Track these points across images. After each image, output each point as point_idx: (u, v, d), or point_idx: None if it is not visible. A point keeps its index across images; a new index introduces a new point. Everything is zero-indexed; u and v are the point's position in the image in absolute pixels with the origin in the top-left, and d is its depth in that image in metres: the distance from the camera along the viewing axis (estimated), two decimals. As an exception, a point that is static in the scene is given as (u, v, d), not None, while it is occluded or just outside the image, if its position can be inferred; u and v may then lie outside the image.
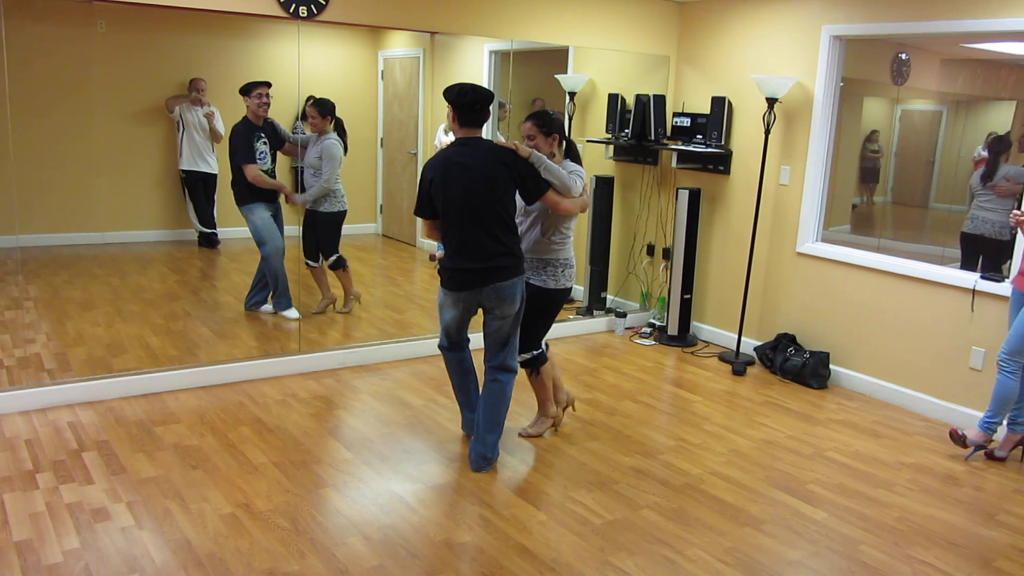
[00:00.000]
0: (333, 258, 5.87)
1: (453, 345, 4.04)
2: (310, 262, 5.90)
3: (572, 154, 4.13)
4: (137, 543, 3.14)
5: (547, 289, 4.05)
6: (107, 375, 4.60)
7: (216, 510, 3.41)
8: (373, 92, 6.88)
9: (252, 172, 5.51)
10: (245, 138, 5.49)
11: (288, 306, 5.76)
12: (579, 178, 3.98)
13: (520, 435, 4.34)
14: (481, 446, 3.92)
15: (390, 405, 4.66)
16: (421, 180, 3.78)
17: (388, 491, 3.67)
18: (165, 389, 4.68)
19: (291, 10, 4.69)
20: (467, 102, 3.70)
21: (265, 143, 5.57)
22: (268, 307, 5.85)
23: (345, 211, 5.89)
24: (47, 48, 5.46)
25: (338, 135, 5.79)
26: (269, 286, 5.80)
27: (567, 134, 4.19)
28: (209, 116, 5.89)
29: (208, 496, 3.52)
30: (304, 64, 5.18)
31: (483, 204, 3.68)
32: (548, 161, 3.86)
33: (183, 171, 6.17)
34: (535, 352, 4.14)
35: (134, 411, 4.39)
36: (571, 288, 4.18)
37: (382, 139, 7.01)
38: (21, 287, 5.52)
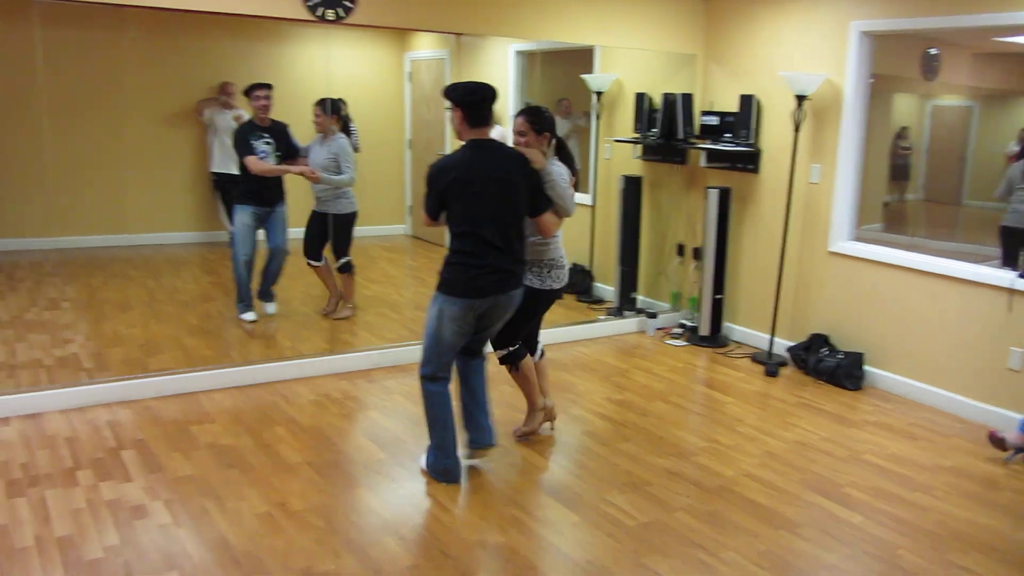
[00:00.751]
0: (344, 260, 5.84)
1: (446, 374, 3.74)
2: (312, 261, 5.86)
3: (564, 155, 4.00)
4: (175, 541, 3.18)
5: (531, 288, 3.95)
6: (143, 375, 4.66)
7: (252, 509, 3.44)
8: (400, 94, 6.92)
9: (253, 164, 5.45)
10: (241, 134, 5.50)
11: (246, 309, 5.74)
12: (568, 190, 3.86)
13: (516, 437, 4.29)
14: (488, 420, 3.90)
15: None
16: (434, 180, 3.57)
17: (421, 491, 3.68)
18: (200, 389, 4.73)
19: (319, 14, 4.72)
20: (477, 100, 3.54)
21: (268, 143, 5.52)
22: (271, 308, 5.87)
23: (357, 212, 5.88)
24: (80, 53, 5.55)
25: (345, 135, 5.76)
26: (271, 280, 5.85)
27: (595, 134, 4.14)
28: (238, 119, 5.94)
29: (244, 495, 3.56)
30: (332, 67, 5.22)
31: (507, 210, 3.59)
32: (556, 178, 3.75)
33: (214, 173, 6.24)
34: (511, 348, 4.06)
35: (170, 410, 4.45)
36: (557, 290, 4.09)
37: (410, 140, 7.05)
38: (59, 288, 5.61)
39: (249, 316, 5.68)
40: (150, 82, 5.89)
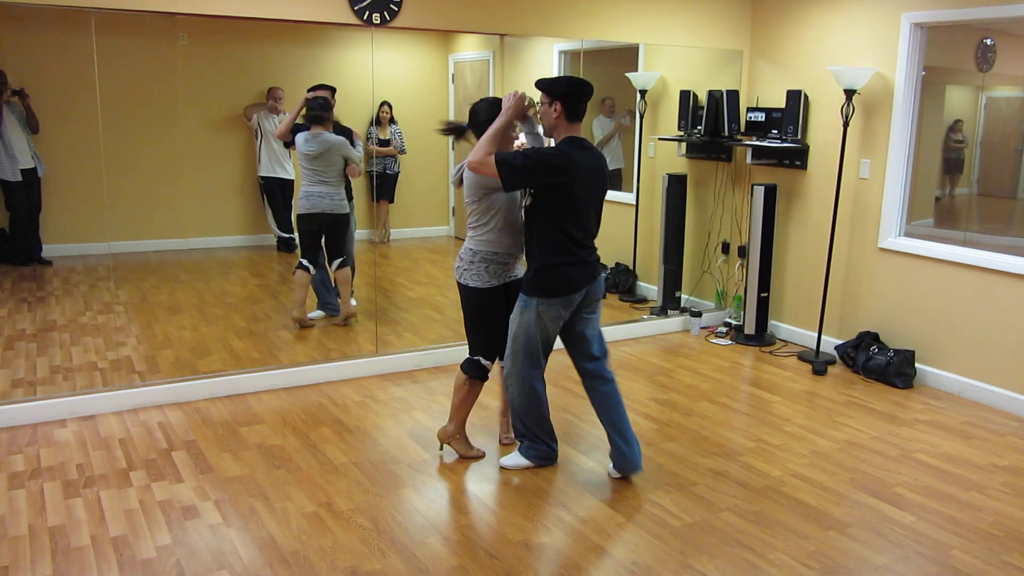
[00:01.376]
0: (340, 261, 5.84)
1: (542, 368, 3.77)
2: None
3: None
4: (225, 540, 3.23)
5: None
6: (193, 377, 4.75)
7: (299, 509, 3.49)
8: (444, 95, 6.94)
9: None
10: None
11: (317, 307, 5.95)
12: None
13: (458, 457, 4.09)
14: (632, 447, 3.78)
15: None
16: (547, 169, 3.41)
17: (466, 491, 3.70)
18: (248, 390, 4.81)
19: (365, 17, 4.77)
20: (579, 93, 3.50)
21: None
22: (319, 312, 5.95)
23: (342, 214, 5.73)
24: (133, 61, 5.66)
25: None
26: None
27: (639, 133, 4.09)
28: (285, 123, 6.01)
29: (291, 495, 3.61)
30: (377, 69, 5.26)
31: (597, 211, 3.65)
32: None
33: (262, 177, 6.33)
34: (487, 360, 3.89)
35: (219, 412, 4.53)
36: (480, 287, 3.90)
37: (453, 142, 7.07)
38: (112, 292, 5.74)
39: (312, 315, 5.85)
40: (200, 88, 5.99)
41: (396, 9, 4.86)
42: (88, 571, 3.01)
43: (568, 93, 3.48)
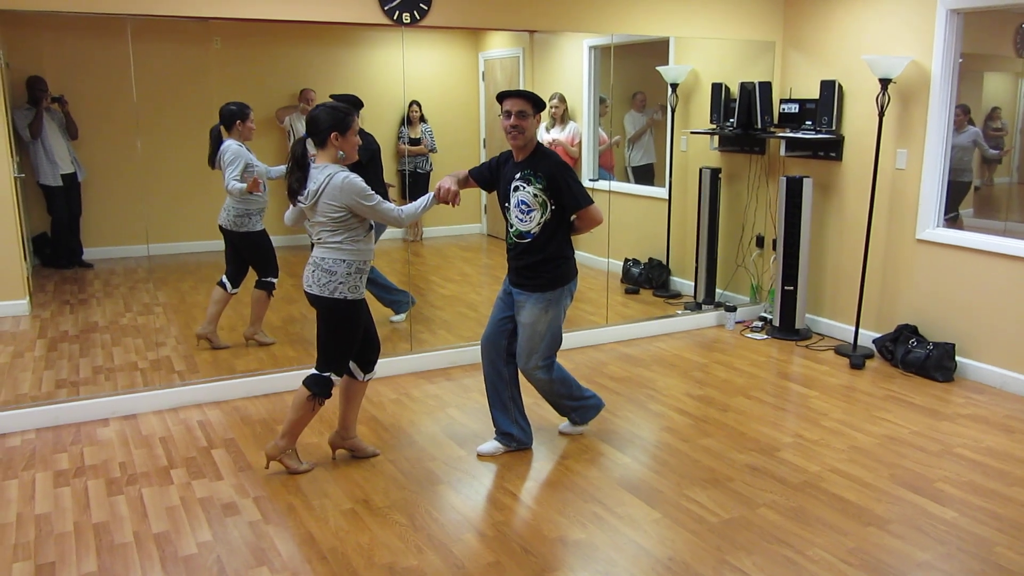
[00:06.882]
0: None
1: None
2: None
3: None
4: (264, 537, 3.28)
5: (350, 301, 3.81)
6: (231, 376, 4.82)
7: (336, 505, 3.52)
8: (474, 93, 6.97)
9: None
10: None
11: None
12: None
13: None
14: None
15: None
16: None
17: (501, 488, 3.71)
18: (285, 389, 4.86)
19: (395, 17, 4.80)
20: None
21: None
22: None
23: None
24: (168, 66, 5.74)
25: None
26: None
27: (671, 127, 4.07)
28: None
29: (328, 492, 3.64)
30: (407, 69, 5.29)
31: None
32: None
33: (295, 178, 6.37)
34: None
35: (257, 410, 4.58)
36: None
37: (484, 139, 7.09)
38: (151, 293, 5.84)
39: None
40: (233, 91, 6.05)
41: (426, 8, 4.88)
42: (131, 567, 3.07)
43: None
